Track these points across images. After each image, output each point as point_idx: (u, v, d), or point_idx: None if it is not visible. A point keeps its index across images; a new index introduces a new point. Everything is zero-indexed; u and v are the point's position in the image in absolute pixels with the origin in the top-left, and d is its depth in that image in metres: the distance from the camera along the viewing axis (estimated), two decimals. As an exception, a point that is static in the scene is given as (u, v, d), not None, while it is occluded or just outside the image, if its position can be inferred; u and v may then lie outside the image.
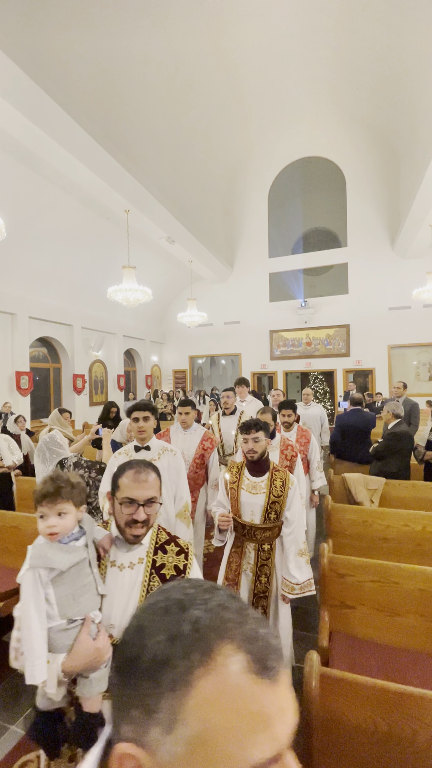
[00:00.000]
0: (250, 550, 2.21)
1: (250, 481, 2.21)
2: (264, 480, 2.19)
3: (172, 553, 1.32)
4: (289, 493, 2.16)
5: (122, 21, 6.20)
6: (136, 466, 1.25)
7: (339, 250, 12.47)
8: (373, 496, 3.74)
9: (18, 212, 7.31)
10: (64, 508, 1.15)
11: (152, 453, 2.42)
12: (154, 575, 1.26)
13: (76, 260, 9.44)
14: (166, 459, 2.41)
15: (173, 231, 9.53)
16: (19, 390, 8.53)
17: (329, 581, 2.30)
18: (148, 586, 1.24)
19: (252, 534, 2.18)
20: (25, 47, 4.89)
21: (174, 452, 2.46)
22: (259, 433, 2.14)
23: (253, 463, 2.21)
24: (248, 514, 2.18)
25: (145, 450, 2.42)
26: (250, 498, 2.17)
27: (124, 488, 1.21)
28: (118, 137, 6.99)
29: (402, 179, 10.44)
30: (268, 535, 2.18)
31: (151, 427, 2.42)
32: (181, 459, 2.50)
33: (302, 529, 2.22)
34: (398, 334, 11.75)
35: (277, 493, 2.14)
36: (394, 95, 8.90)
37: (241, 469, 2.28)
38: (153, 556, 1.29)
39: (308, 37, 8.44)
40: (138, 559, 1.27)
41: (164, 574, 1.26)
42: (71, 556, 1.12)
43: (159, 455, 2.41)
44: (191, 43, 7.51)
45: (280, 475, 2.20)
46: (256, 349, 13.53)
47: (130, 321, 12.72)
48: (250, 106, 10.54)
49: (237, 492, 2.21)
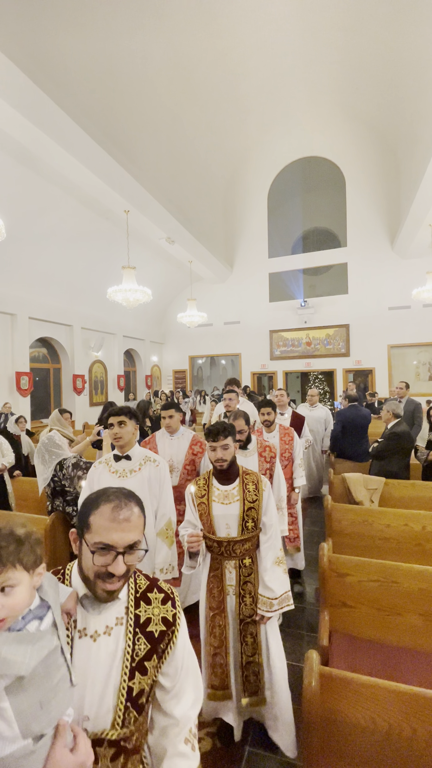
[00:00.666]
0: (231, 569, 1.99)
1: (220, 491, 2.00)
2: (235, 487, 2.00)
3: (157, 602, 1.03)
4: (263, 496, 2.00)
5: (122, 22, 6.20)
6: (114, 498, 0.93)
7: (339, 250, 12.48)
8: (372, 496, 3.75)
9: (18, 213, 7.31)
10: (8, 579, 0.77)
11: (133, 463, 2.26)
12: (139, 636, 0.96)
13: (76, 261, 9.44)
14: (147, 470, 2.24)
15: (173, 231, 9.54)
16: (19, 390, 8.53)
17: (329, 581, 2.30)
18: (132, 653, 0.94)
19: (230, 550, 1.97)
20: (25, 48, 4.89)
21: (157, 462, 2.28)
22: (227, 439, 1.95)
23: (221, 472, 2.02)
24: (223, 529, 1.97)
25: (125, 459, 2.26)
26: (223, 509, 1.97)
27: (98, 530, 0.90)
28: (118, 138, 6.99)
29: (402, 179, 10.44)
30: (248, 547, 2.00)
31: (130, 434, 2.25)
32: (166, 469, 2.32)
33: (279, 534, 2.04)
34: (398, 333, 11.76)
35: (252, 498, 1.97)
36: (394, 95, 8.90)
37: (209, 479, 2.08)
38: (134, 611, 0.99)
39: (308, 37, 8.45)
40: (115, 620, 0.96)
41: (152, 632, 0.98)
42: (35, 648, 0.75)
43: (140, 465, 2.25)
44: (191, 43, 7.52)
45: (252, 478, 2.03)
46: (256, 349, 13.54)
47: (130, 321, 12.73)
48: (250, 105, 10.54)
49: (208, 506, 1.99)
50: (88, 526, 0.92)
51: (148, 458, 2.28)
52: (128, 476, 2.21)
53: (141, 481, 2.20)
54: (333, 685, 1.40)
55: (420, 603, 2.11)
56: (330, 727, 1.39)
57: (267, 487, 2.03)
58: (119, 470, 2.23)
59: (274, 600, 1.93)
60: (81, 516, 0.95)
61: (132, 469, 2.23)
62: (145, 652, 0.96)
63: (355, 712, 1.36)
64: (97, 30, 5.98)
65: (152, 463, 2.27)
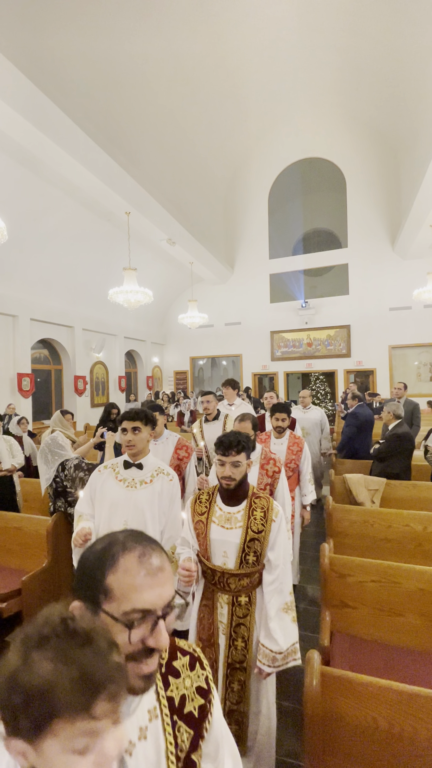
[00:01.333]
0: (223, 604, 1.70)
1: (223, 512, 1.72)
2: (241, 510, 1.71)
3: (185, 669, 0.81)
4: (272, 528, 1.67)
5: (122, 23, 6.23)
6: (132, 543, 0.68)
7: (339, 251, 12.49)
8: (374, 497, 3.75)
9: (19, 215, 7.34)
10: None
11: (144, 473, 2.02)
12: (179, 725, 0.74)
13: (77, 262, 9.47)
14: (160, 483, 2.00)
15: (174, 233, 9.56)
16: (20, 392, 8.56)
17: (330, 581, 2.31)
18: (176, 750, 0.72)
19: (224, 582, 1.68)
20: (26, 50, 4.92)
21: (170, 476, 2.04)
22: (240, 455, 1.66)
23: (228, 490, 1.73)
24: (219, 556, 1.68)
25: (136, 468, 2.02)
26: (222, 534, 1.68)
27: (127, 593, 0.64)
28: (119, 139, 7.02)
29: (402, 179, 10.45)
30: (245, 583, 1.67)
31: (144, 440, 2.02)
32: (178, 484, 2.07)
33: (289, 575, 1.72)
34: (399, 334, 11.76)
35: (257, 528, 1.66)
36: (394, 95, 8.92)
37: (213, 495, 1.79)
38: (166, 692, 0.76)
39: (308, 38, 8.47)
40: (149, 714, 0.72)
41: (191, 713, 0.77)
42: None
43: (152, 477, 2.01)
44: (191, 45, 7.54)
45: (261, 503, 1.71)
46: (256, 350, 13.55)
47: (131, 322, 12.75)
48: (250, 107, 10.57)
49: (206, 526, 1.71)
50: (108, 592, 0.64)
51: (161, 470, 2.05)
52: (138, 487, 1.98)
53: (152, 495, 1.97)
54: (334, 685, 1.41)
55: (421, 603, 2.11)
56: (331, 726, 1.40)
57: (279, 517, 1.70)
58: (128, 479, 2.00)
59: (279, 654, 1.62)
60: (90, 582, 0.66)
61: (143, 480, 2.00)
62: (189, 742, 0.75)
63: (356, 712, 1.37)
64: (97, 32, 6.01)
65: (165, 476, 2.03)
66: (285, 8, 7.67)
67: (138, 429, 2.00)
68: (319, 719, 1.39)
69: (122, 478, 2.01)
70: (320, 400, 13.15)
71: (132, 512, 1.92)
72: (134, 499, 1.94)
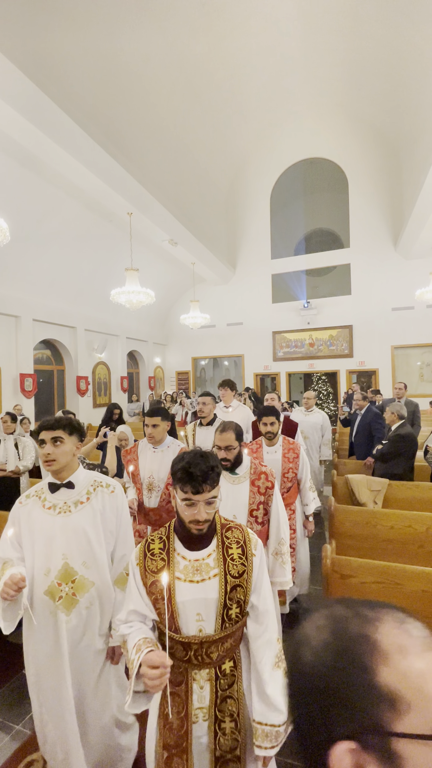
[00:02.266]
0: (202, 684, 1.26)
1: (188, 561, 1.27)
2: (211, 552, 1.28)
3: None
4: (254, 564, 1.30)
5: (123, 23, 6.24)
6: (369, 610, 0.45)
7: (341, 251, 12.47)
8: (376, 498, 3.74)
9: (21, 215, 7.37)
10: None
11: (77, 492, 1.67)
12: None
13: (79, 263, 9.49)
14: (99, 499, 1.68)
15: (176, 233, 9.57)
16: (23, 392, 8.58)
17: (332, 582, 2.30)
18: None
19: (203, 655, 1.24)
20: (27, 51, 4.94)
21: (111, 488, 1.73)
22: (215, 488, 1.23)
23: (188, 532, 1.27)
24: (193, 622, 1.22)
25: (66, 488, 1.66)
26: (193, 592, 1.22)
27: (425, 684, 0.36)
28: (120, 140, 7.03)
29: (405, 179, 10.42)
30: (229, 645, 1.28)
31: (68, 454, 1.64)
32: (122, 496, 1.76)
33: (275, 620, 1.38)
34: (402, 334, 11.73)
35: (238, 570, 1.27)
36: (397, 95, 8.90)
37: (168, 541, 1.30)
38: None
39: (310, 38, 8.47)
40: None
41: None
42: None
43: (88, 494, 1.68)
44: (193, 45, 7.55)
45: (235, 536, 1.32)
46: (258, 350, 13.54)
47: (133, 323, 12.77)
48: (252, 107, 10.57)
49: (168, 586, 1.24)
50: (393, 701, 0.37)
51: (98, 483, 1.72)
52: (72, 510, 1.63)
53: (91, 516, 1.64)
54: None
55: (423, 605, 2.10)
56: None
57: (259, 548, 1.34)
58: (58, 504, 1.64)
59: (281, 727, 1.24)
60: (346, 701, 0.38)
61: (77, 501, 1.66)
62: None
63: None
64: (99, 33, 6.02)
65: (105, 489, 1.71)
66: (286, 9, 7.67)
67: (60, 440, 1.62)
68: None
69: (51, 505, 1.64)
70: (322, 400, 13.13)
71: (72, 541, 1.60)
72: (71, 524, 1.61)
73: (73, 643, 1.58)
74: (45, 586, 1.57)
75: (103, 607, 1.64)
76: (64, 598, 1.56)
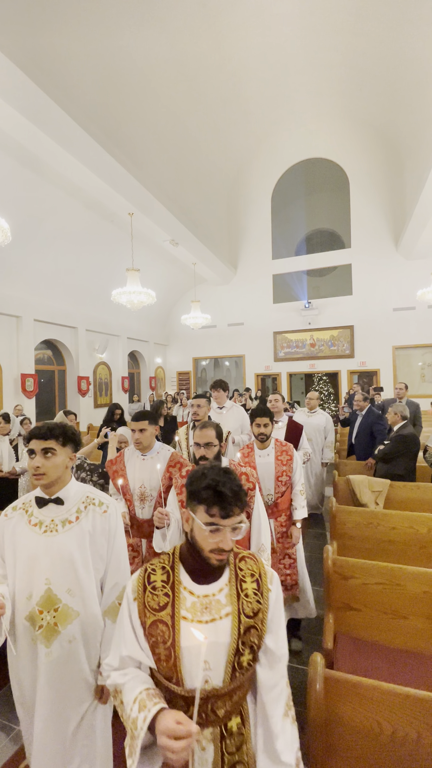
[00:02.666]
0: (206, 744, 1.06)
1: (196, 597, 1.07)
2: (223, 587, 1.09)
3: None
4: (270, 601, 1.11)
5: (125, 24, 6.25)
6: None
7: (343, 251, 12.46)
8: (377, 498, 3.73)
9: (22, 216, 7.38)
10: None
11: (66, 509, 1.47)
12: None
13: (80, 263, 9.50)
14: (90, 519, 1.48)
15: (177, 233, 9.57)
16: (24, 392, 8.59)
17: (334, 583, 2.29)
18: None
19: (207, 711, 1.04)
20: (28, 51, 4.95)
21: (105, 507, 1.52)
22: (242, 512, 1.06)
23: (208, 564, 1.07)
24: (198, 672, 0.98)
25: (54, 504, 1.46)
26: (202, 635, 0.91)
27: None
28: (122, 140, 7.04)
29: (406, 179, 10.41)
30: (238, 698, 1.08)
31: (60, 467, 1.45)
32: (116, 517, 1.55)
33: (285, 664, 1.14)
34: (403, 334, 11.71)
35: (253, 609, 1.08)
36: (397, 95, 8.89)
37: (173, 569, 1.12)
38: None
39: (311, 39, 8.46)
40: None
41: None
42: None
43: (78, 513, 1.47)
44: (194, 45, 7.56)
45: (249, 567, 1.14)
46: (259, 350, 13.54)
47: (134, 323, 12.78)
48: (253, 108, 10.57)
49: (171, 628, 1.04)
50: None
51: (90, 500, 1.52)
52: (59, 530, 1.44)
53: (80, 537, 1.45)
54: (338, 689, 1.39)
55: (425, 606, 2.10)
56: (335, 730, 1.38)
57: (275, 583, 1.15)
58: (45, 521, 1.45)
59: None
60: None
61: (66, 519, 1.46)
62: None
63: (359, 716, 1.36)
64: (100, 33, 6.03)
65: (96, 508, 1.50)
66: (287, 9, 7.67)
67: (51, 451, 1.42)
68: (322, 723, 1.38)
69: (37, 521, 1.46)
70: (323, 401, 13.11)
71: (57, 565, 1.41)
72: (57, 546, 1.42)
73: (53, 680, 1.38)
74: (26, 611, 1.40)
75: (87, 641, 1.44)
76: (44, 627, 1.38)
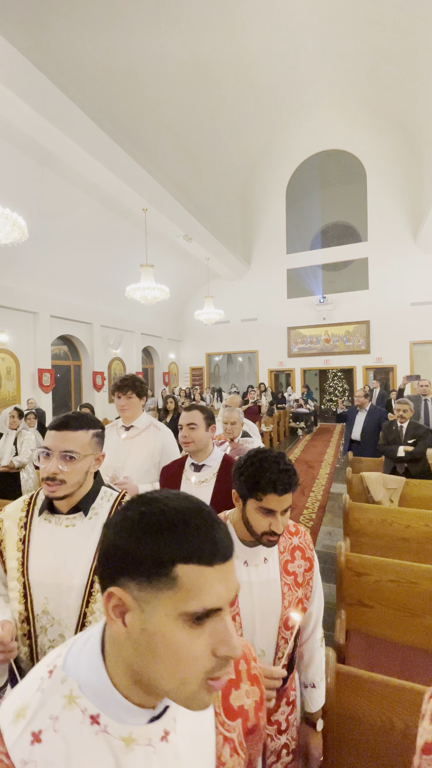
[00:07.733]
0: None
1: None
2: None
3: None
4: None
5: (138, 19, 6.23)
6: None
7: (359, 245, 12.23)
8: (392, 496, 3.69)
9: (39, 213, 7.48)
10: None
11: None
12: None
13: (95, 259, 9.60)
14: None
15: (190, 229, 9.56)
16: (41, 387, 8.77)
17: (347, 580, 2.28)
18: None
19: None
20: (43, 49, 4.99)
21: None
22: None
23: None
24: None
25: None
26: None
27: None
28: (136, 136, 7.05)
29: (425, 170, 10.13)
30: None
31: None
32: None
33: None
34: (421, 330, 11.45)
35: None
36: (416, 84, 8.63)
37: None
38: None
39: (326, 28, 8.28)
40: None
41: None
42: None
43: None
44: (208, 38, 7.49)
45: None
46: (273, 346, 13.45)
47: (148, 319, 12.86)
48: (268, 100, 10.43)
49: None
50: None
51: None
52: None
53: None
54: (349, 683, 1.40)
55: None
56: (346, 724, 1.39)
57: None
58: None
59: None
60: None
61: None
62: None
63: (371, 711, 1.36)
64: (114, 30, 6.03)
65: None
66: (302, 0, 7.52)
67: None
68: (333, 717, 1.38)
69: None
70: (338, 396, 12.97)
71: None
72: None
73: None
74: None
75: None
76: None
